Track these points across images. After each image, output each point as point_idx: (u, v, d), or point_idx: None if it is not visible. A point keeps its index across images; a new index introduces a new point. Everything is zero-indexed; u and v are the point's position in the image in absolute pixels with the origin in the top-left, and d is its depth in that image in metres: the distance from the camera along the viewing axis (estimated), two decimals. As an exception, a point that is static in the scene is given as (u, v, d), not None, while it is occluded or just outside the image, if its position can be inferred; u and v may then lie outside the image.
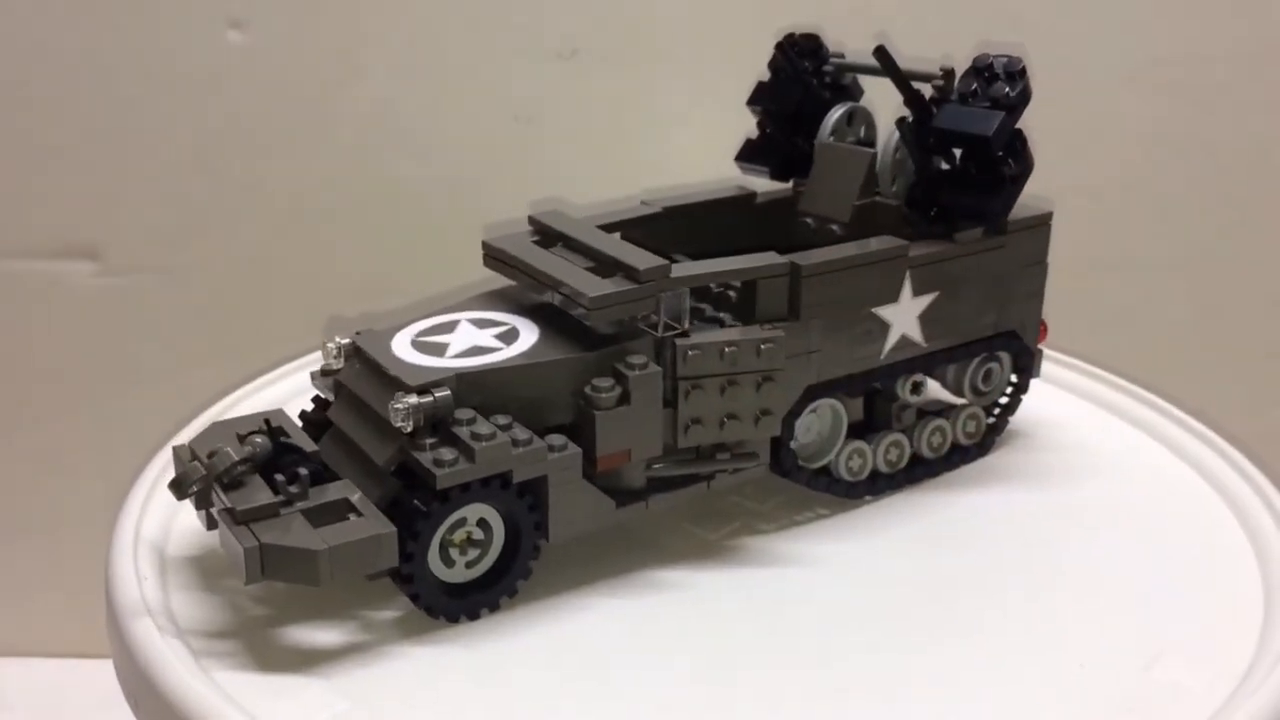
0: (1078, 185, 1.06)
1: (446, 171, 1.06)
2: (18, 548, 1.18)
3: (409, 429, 0.52)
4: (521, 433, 0.53)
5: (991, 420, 0.70)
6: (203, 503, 0.54)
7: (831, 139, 0.70)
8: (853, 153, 0.68)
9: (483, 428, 0.52)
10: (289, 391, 0.75)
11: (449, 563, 0.54)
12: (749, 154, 0.73)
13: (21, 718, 1.17)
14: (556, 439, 0.54)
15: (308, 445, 0.55)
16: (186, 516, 0.60)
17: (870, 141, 0.71)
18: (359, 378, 0.56)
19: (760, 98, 0.72)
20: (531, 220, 0.64)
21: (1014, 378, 0.70)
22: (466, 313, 0.60)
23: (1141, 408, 0.75)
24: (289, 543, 0.49)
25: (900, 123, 0.64)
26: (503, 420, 0.53)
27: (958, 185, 0.63)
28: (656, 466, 0.58)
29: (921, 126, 0.63)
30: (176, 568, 0.59)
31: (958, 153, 0.64)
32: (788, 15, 0.77)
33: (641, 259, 0.57)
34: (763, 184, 0.73)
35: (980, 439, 0.69)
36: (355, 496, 0.52)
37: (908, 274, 0.62)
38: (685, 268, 0.57)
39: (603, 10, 1.03)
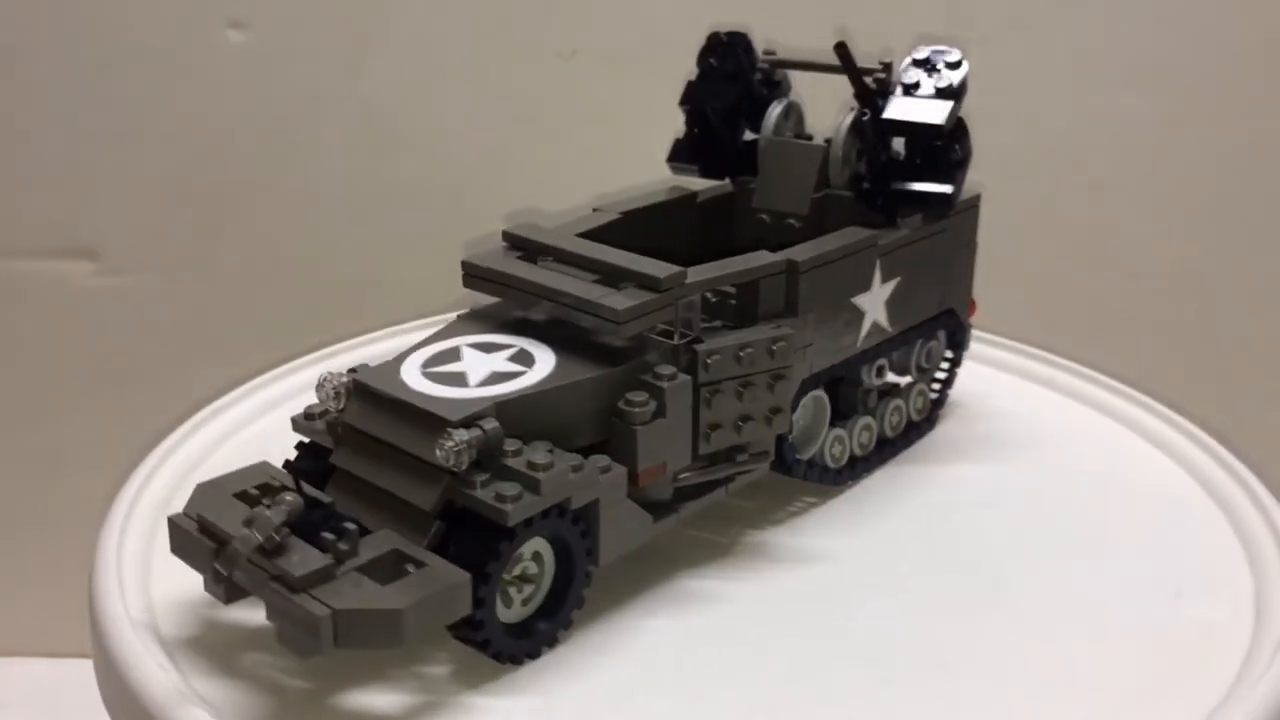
0: (1078, 185, 1.06)
1: (446, 171, 1.06)
2: (17, 547, 1.18)
3: (463, 466, 0.48)
4: (571, 457, 0.50)
5: (934, 395, 0.72)
6: (228, 574, 0.48)
7: (772, 134, 0.70)
8: (804, 148, 0.69)
9: (538, 456, 0.49)
10: (287, 391, 0.75)
11: (508, 602, 0.51)
12: (681, 154, 0.73)
13: (21, 718, 1.18)
14: (601, 460, 0.52)
15: (323, 497, 0.50)
16: (166, 545, 0.57)
17: (803, 135, 0.72)
18: (373, 417, 0.52)
19: (695, 96, 0.72)
20: (507, 235, 0.61)
21: (949, 353, 0.72)
22: (460, 338, 0.57)
23: (1100, 391, 0.77)
24: (368, 605, 0.45)
25: (860, 118, 0.65)
26: (546, 446, 0.50)
27: (908, 173, 0.65)
28: (683, 476, 0.57)
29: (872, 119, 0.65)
30: (172, 620, 0.55)
31: (898, 142, 0.66)
32: (788, 15, 0.77)
33: (657, 267, 0.55)
34: (700, 183, 0.73)
35: (928, 414, 0.72)
36: (405, 546, 0.48)
37: (877, 262, 0.63)
38: (696, 273, 0.57)
39: (603, 10, 1.03)
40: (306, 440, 0.55)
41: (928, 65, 0.64)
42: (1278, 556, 0.59)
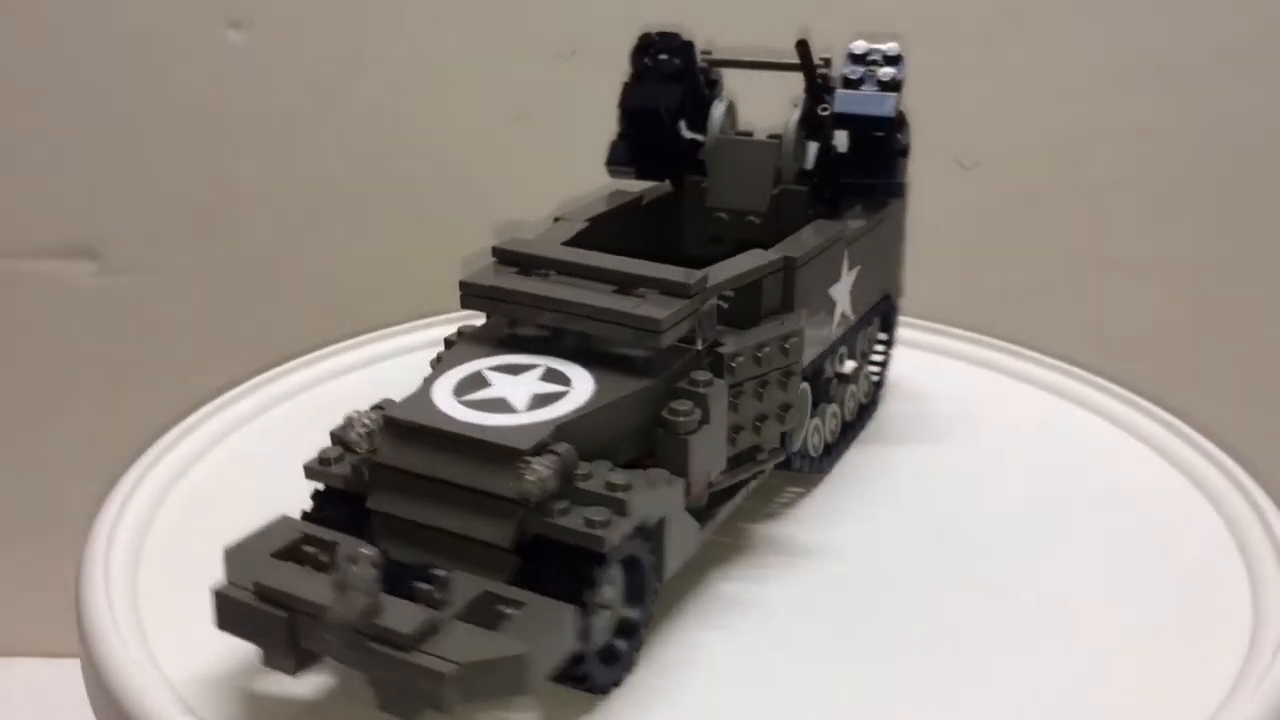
0: (1078, 185, 1.06)
1: (446, 171, 1.06)
2: (17, 547, 1.18)
3: (548, 494, 0.45)
4: (640, 474, 0.49)
5: (876, 379, 0.73)
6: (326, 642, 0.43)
7: (718, 133, 0.70)
8: (758, 145, 0.69)
9: (615, 476, 0.47)
10: (287, 390, 0.75)
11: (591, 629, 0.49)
12: (618, 156, 0.72)
13: (21, 718, 1.18)
14: (662, 474, 0.50)
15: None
16: (155, 546, 0.57)
17: (740, 132, 0.72)
18: (418, 455, 0.48)
19: (638, 97, 0.71)
20: (498, 251, 0.59)
21: (883, 335, 0.73)
22: (478, 362, 0.54)
23: (1049, 373, 0.79)
24: (492, 654, 0.42)
25: (819, 112, 0.67)
26: (607, 466, 0.48)
27: (854, 164, 0.67)
28: (715, 481, 0.56)
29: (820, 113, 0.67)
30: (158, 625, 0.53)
31: (840, 135, 0.67)
32: (787, 15, 0.77)
33: (676, 273, 0.54)
34: (639, 185, 0.72)
35: (872, 397, 0.73)
36: (494, 587, 0.45)
37: (845, 252, 0.64)
38: (712, 275, 0.56)
39: (603, 10, 1.03)
40: (323, 487, 0.51)
41: (867, 60, 0.66)
42: (1274, 555, 0.59)
